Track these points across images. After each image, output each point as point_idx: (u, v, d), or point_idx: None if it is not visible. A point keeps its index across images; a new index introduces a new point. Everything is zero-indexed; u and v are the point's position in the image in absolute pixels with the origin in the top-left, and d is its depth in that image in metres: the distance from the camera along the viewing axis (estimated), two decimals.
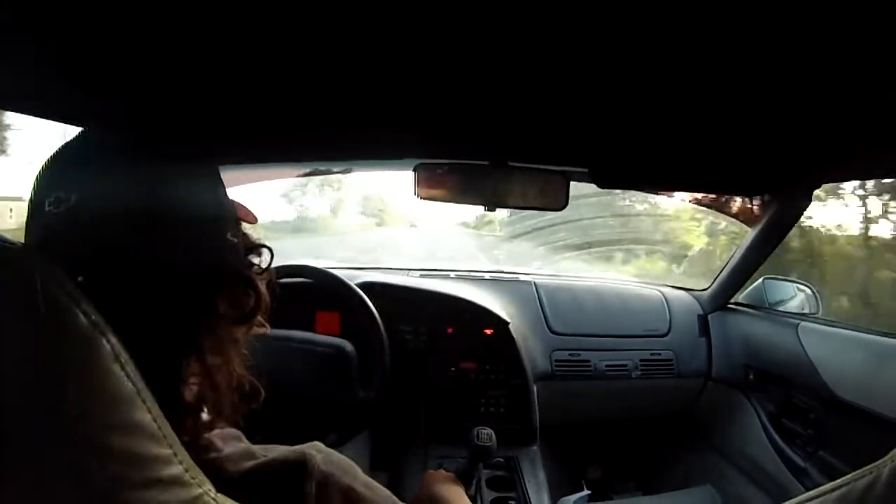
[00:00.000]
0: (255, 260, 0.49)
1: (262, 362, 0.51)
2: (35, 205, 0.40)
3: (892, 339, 1.10)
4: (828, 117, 0.68)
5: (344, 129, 0.87)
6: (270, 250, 0.50)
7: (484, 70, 0.57)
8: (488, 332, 1.45)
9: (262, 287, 0.47)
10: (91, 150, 0.43)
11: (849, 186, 2.30)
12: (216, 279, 0.43)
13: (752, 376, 1.50)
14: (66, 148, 0.43)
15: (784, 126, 0.75)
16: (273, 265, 0.51)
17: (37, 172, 0.42)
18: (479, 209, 1.09)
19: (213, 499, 0.34)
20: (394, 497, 0.48)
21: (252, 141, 0.98)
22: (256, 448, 0.45)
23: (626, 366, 1.55)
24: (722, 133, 0.79)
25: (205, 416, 0.44)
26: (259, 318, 0.48)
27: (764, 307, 1.52)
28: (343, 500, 0.43)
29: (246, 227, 0.49)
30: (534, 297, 1.64)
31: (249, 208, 0.52)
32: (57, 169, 0.41)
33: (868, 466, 0.38)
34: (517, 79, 0.60)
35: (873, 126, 0.69)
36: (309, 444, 0.46)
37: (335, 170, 1.53)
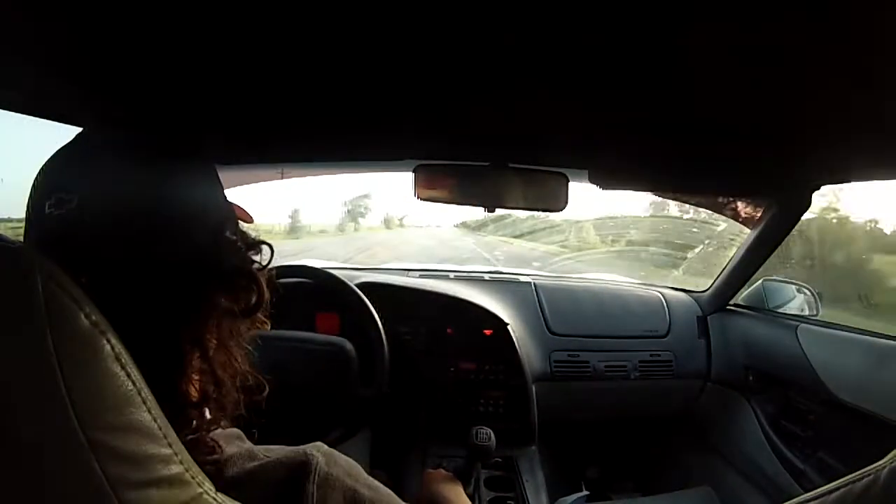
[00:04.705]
0: (255, 257, 0.49)
1: (263, 362, 0.52)
2: (34, 207, 0.40)
3: (890, 341, 1.10)
4: (827, 119, 0.69)
5: (344, 130, 0.87)
6: (270, 247, 0.51)
7: (484, 71, 0.58)
8: (487, 332, 1.46)
9: (263, 282, 0.48)
10: (92, 151, 0.43)
11: None
12: (218, 275, 0.44)
13: (751, 378, 1.50)
14: (66, 149, 0.43)
15: (783, 128, 0.75)
16: (272, 265, 0.51)
17: (35, 175, 0.41)
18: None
19: (214, 498, 0.34)
20: (396, 497, 0.48)
21: (251, 141, 0.98)
22: (258, 448, 0.45)
23: (624, 367, 1.55)
24: (721, 134, 0.79)
25: (208, 413, 0.44)
26: (260, 315, 0.49)
27: (763, 309, 1.52)
28: (345, 501, 0.43)
29: (243, 225, 0.50)
30: (533, 298, 1.64)
31: (245, 208, 0.52)
32: (57, 170, 0.41)
33: (866, 468, 0.38)
34: (517, 80, 0.60)
35: (873, 128, 0.70)
36: (311, 444, 0.46)
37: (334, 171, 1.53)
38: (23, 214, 0.41)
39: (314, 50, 0.52)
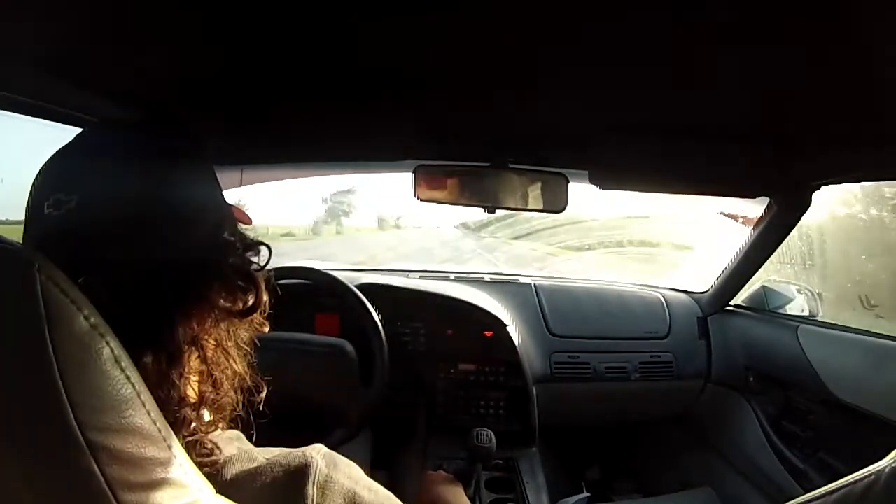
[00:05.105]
0: (254, 258, 0.49)
1: (262, 364, 0.51)
2: (33, 208, 0.40)
3: (890, 342, 1.10)
4: (827, 119, 0.69)
5: (344, 131, 0.87)
6: (269, 248, 0.51)
7: (484, 71, 0.58)
8: (488, 333, 1.45)
9: (261, 283, 0.48)
10: (91, 152, 0.43)
11: None
12: (216, 276, 0.44)
13: (751, 378, 1.50)
14: (65, 150, 0.42)
15: (783, 128, 0.75)
16: (272, 266, 0.51)
17: (35, 176, 0.41)
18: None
19: (212, 500, 0.34)
20: (396, 500, 0.48)
21: (251, 141, 0.98)
22: (257, 450, 0.45)
23: (625, 368, 1.55)
24: (721, 134, 0.79)
25: (206, 415, 0.44)
26: (259, 316, 0.48)
27: (763, 309, 1.52)
28: (345, 503, 0.42)
29: (242, 227, 0.50)
30: (533, 300, 1.64)
31: (244, 210, 0.52)
32: (56, 171, 0.41)
33: (867, 468, 0.38)
34: (517, 80, 0.60)
35: (873, 128, 0.70)
36: (311, 446, 0.46)
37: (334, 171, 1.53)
38: (21, 216, 0.41)
39: (315, 51, 0.52)
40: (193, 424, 0.41)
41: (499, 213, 1.10)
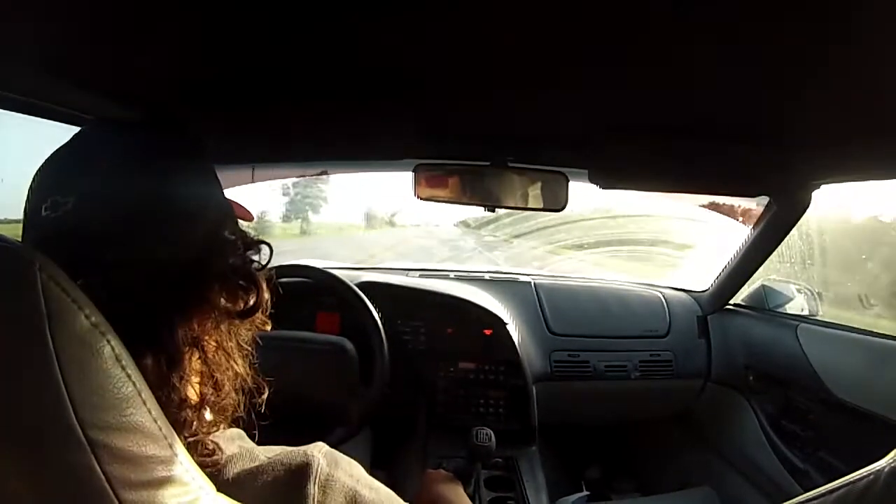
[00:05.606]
0: (255, 257, 0.49)
1: (263, 362, 0.52)
2: (31, 209, 0.40)
3: (890, 341, 1.10)
4: (827, 119, 0.69)
5: (344, 131, 0.87)
6: (270, 247, 0.50)
7: (484, 71, 0.58)
8: (487, 332, 1.45)
9: (262, 282, 0.48)
10: (88, 153, 0.42)
11: None
12: (216, 275, 0.44)
13: (751, 377, 1.50)
14: (63, 151, 0.42)
15: (783, 128, 0.75)
16: (273, 264, 0.51)
17: (32, 177, 0.41)
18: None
19: (213, 499, 0.34)
20: (397, 498, 0.48)
21: (251, 141, 0.98)
22: (259, 449, 0.45)
23: (625, 367, 1.55)
24: (721, 134, 0.79)
25: (208, 415, 0.44)
26: (260, 315, 0.48)
27: (763, 308, 1.52)
28: (346, 502, 0.42)
29: (243, 224, 0.50)
30: (533, 298, 1.64)
31: (245, 206, 0.52)
32: (54, 172, 0.41)
33: (867, 468, 0.38)
34: (517, 80, 0.60)
35: (873, 128, 0.70)
36: (312, 444, 0.46)
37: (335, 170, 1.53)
38: (20, 216, 0.41)
39: (315, 51, 0.52)
40: (195, 425, 0.41)
41: (499, 211, 1.10)
